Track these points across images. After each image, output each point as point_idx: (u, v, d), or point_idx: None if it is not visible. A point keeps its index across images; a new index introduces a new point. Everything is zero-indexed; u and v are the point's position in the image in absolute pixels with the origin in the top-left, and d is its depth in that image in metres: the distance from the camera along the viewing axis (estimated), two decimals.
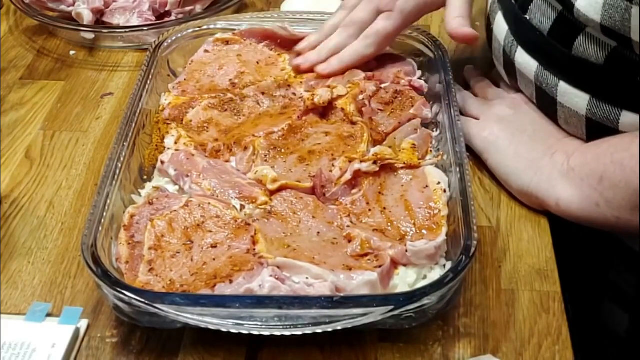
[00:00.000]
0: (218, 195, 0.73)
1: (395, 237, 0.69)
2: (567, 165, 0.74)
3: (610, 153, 0.70)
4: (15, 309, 0.70)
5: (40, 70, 1.02)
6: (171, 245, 0.68)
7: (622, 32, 0.67)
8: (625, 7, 0.65)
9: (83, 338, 0.67)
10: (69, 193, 0.82)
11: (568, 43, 0.73)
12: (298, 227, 0.70)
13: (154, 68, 0.87)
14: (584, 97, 0.74)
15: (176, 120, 0.83)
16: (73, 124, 0.92)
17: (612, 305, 0.86)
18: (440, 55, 0.88)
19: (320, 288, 0.63)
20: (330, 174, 0.74)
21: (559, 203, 0.74)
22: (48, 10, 1.08)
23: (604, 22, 0.67)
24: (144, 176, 0.78)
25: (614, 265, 0.85)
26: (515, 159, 0.79)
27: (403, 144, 0.78)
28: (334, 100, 0.83)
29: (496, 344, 0.66)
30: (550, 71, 0.77)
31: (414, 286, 0.66)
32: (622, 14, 0.66)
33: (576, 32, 0.72)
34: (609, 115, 0.73)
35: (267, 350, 0.65)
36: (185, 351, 0.65)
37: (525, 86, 0.82)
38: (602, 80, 0.72)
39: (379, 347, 0.66)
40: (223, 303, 0.61)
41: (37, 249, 0.76)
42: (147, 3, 1.07)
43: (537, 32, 0.77)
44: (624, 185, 0.68)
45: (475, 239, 0.65)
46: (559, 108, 0.77)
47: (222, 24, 0.96)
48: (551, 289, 0.71)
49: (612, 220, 0.70)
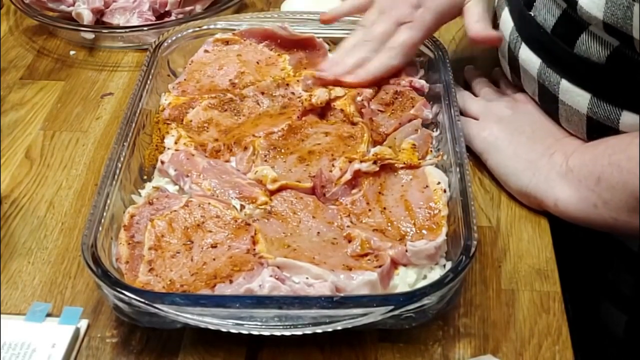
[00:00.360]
0: (218, 195, 0.73)
1: (395, 237, 0.69)
2: (565, 166, 0.74)
3: (608, 154, 0.70)
4: (15, 309, 0.70)
5: (40, 70, 1.02)
6: (171, 245, 0.68)
7: (624, 30, 0.67)
8: (628, 4, 0.65)
9: (83, 338, 0.67)
10: (69, 193, 0.82)
11: (571, 41, 0.73)
12: (298, 227, 0.70)
13: (154, 68, 0.87)
14: (586, 95, 0.74)
15: (176, 120, 0.83)
16: (73, 124, 0.92)
17: (610, 306, 0.86)
18: (440, 55, 0.88)
19: (320, 288, 0.63)
20: (330, 174, 0.74)
21: (557, 204, 0.74)
22: (48, 10, 1.08)
23: (607, 20, 0.67)
24: (144, 176, 0.78)
25: (613, 266, 0.85)
26: (514, 159, 0.79)
27: (403, 144, 0.78)
28: (332, 100, 0.83)
29: (496, 344, 0.66)
30: (552, 69, 0.77)
31: (414, 286, 0.67)
32: (624, 12, 0.66)
33: (579, 30, 0.72)
34: (609, 115, 0.73)
35: (267, 350, 0.65)
36: (185, 351, 0.65)
37: (528, 83, 0.82)
38: (604, 79, 0.73)
39: (379, 347, 0.66)
40: (223, 303, 0.61)
41: (37, 249, 0.76)
42: (147, 3, 1.07)
43: (541, 29, 0.77)
44: (621, 187, 0.68)
45: (475, 239, 0.65)
46: (560, 106, 0.77)
47: (222, 24, 0.96)
48: (551, 289, 0.71)
49: (609, 222, 0.70)
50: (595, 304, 0.88)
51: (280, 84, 0.87)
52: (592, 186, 0.71)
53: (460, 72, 0.94)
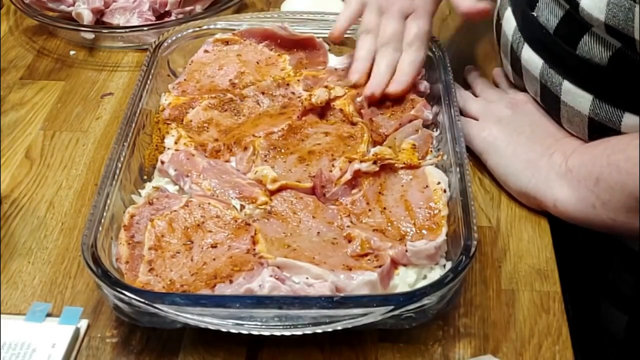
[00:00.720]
0: (218, 195, 0.73)
1: (395, 237, 0.69)
2: (564, 166, 0.74)
3: (607, 155, 0.70)
4: (15, 309, 0.70)
5: (40, 70, 1.02)
6: (171, 245, 0.68)
7: (625, 32, 0.67)
8: (629, 6, 0.65)
9: (83, 338, 0.67)
10: (69, 193, 0.82)
11: (573, 42, 0.73)
12: (298, 227, 0.70)
13: (154, 68, 0.87)
14: (588, 97, 0.74)
15: (176, 120, 0.83)
16: (73, 124, 0.92)
17: (610, 306, 0.86)
18: (440, 55, 0.88)
19: (320, 288, 0.63)
20: (330, 174, 0.74)
21: (556, 204, 0.74)
22: (48, 10, 1.08)
23: (608, 21, 0.67)
24: (144, 176, 0.78)
25: (613, 266, 0.85)
26: (514, 159, 0.79)
27: (403, 145, 0.78)
28: (331, 100, 0.83)
29: (496, 344, 0.66)
30: (555, 70, 0.77)
31: (414, 286, 0.66)
32: (625, 13, 0.66)
33: (582, 31, 0.72)
34: (611, 117, 0.73)
35: (267, 350, 0.65)
36: (185, 351, 0.65)
37: (530, 83, 0.82)
38: (606, 81, 0.72)
39: (379, 347, 0.66)
40: (223, 303, 0.61)
41: (37, 249, 0.76)
42: (147, 3, 1.07)
43: (544, 30, 0.77)
44: (620, 188, 0.68)
45: (475, 239, 0.65)
46: (562, 107, 0.77)
47: (222, 24, 0.96)
48: (551, 289, 0.71)
49: (608, 222, 0.70)
50: (595, 304, 0.88)
51: (281, 84, 0.87)
52: (590, 186, 0.71)
53: (460, 72, 0.94)
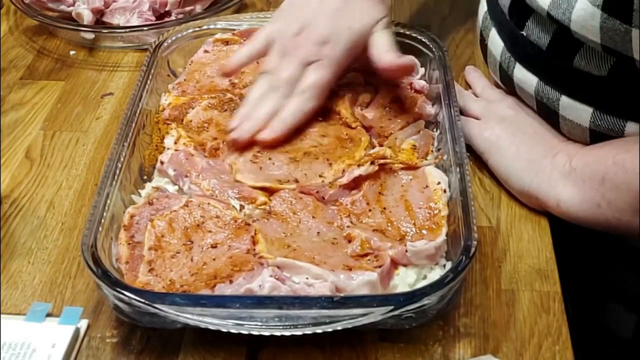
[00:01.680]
0: (217, 195, 0.73)
1: (395, 237, 0.69)
2: (568, 166, 0.74)
3: (613, 154, 0.70)
4: (15, 309, 0.70)
5: (40, 70, 1.02)
6: (171, 246, 0.68)
7: (624, 53, 0.66)
8: (625, 29, 0.65)
9: (83, 338, 0.67)
10: (69, 193, 0.82)
11: (568, 57, 0.72)
12: (298, 227, 0.70)
13: (154, 68, 0.87)
14: (588, 109, 0.74)
15: (176, 121, 0.83)
16: (73, 124, 0.92)
17: (617, 306, 0.85)
18: (440, 55, 0.88)
19: (320, 288, 0.63)
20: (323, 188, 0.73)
21: (559, 204, 0.74)
22: (48, 10, 1.08)
23: (605, 43, 0.67)
24: (144, 176, 0.78)
25: (614, 265, 0.85)
26: (516, 159, 0.79)
27: (403, 145, 0.78)
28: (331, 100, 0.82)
29: (496, 344, 0.66)
30: (551, 85, 0.76)
31: (414, 286, 0.66)
32: (622, 36, 0.65)
33: (577, 46, 0.71)
34: (613, 127, 0.72)
35: (267, 351, 0.65)
36: (186, 351, 0.65)
37: (525, 100, 0.82)
38: (606, 92, 0.72)
39: (380, 347, 0.66)
40: (223, 303, 0.61)
41: (37, 249, 0.76)
42: (147, 3, 1.07)
43: (536, 48, 0.76)
44: (626, 187, 0.68)
45: (475, 239, 0.65)
46: (561, 121, 0.77)
47: (222, 24, 0.96)
48: (551, 289, 0.71)
49: (613, 222, 0.70)
50: (595, 304, 0.88)
51: None
52: (596, 186, 0.70)
53: (460, 72, 0.94)
